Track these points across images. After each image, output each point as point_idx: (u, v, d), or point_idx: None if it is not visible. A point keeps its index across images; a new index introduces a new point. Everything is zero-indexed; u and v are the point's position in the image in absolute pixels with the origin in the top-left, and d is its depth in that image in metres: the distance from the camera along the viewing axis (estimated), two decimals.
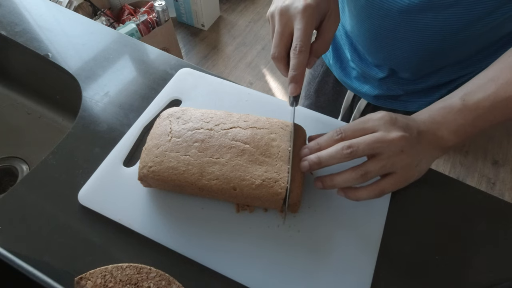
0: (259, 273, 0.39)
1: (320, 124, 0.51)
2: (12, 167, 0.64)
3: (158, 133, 0.43)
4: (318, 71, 0.73)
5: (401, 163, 0.36)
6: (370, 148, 0.35)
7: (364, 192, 0.37)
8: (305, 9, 0.37)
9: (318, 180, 0.39)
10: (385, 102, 0.61)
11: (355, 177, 0.36)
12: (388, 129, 0.35)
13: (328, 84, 0.71)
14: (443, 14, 0.41)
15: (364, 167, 0.36)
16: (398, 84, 0.57)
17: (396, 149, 0.35)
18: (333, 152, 0.36)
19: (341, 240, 0.41)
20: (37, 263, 0.40)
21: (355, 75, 0.62)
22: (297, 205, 0.41)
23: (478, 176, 1.56)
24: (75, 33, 0.65)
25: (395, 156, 0.35)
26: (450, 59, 0.50)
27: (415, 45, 0.47)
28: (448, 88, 0.55)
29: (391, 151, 0.35)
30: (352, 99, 0.68)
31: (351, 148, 0.35)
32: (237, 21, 2.21)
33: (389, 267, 0.41)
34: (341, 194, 0.39)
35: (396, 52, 0.50)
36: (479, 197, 0.47)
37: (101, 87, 0.57)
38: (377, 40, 0.51)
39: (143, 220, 0.42)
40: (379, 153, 0.35)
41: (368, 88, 0.61)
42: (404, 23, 0.45)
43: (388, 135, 0.35)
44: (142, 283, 0.37)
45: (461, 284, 0.40)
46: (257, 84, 1.90)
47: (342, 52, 0.64)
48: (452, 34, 0.43)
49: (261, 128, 0.43)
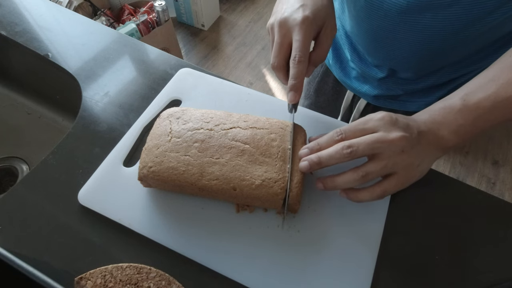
0: (259, 273, 0.39)
1: (320, 124, 0.51)
2: (12, 167, 0.64)
3: (158, 133, 0.43)
4: (317, 71, 0.73)
5: (402, 163, 0.36)
6: (370, 148, 0.35)
7: (366, 194, 0.37)
8: (303, 21, 0.39)
9: (319, 181, 0.39)
10: (385, 102, 0.61)
11: (356, 178, 0.36)
12: (389, 129, 0.36)
13: (328, 84, 0.71)
14: (442, 14, 0.41)
15: (364, 167, 0.36)
16: (398, 84, 0.57)
17: (396, 149, 0.35)
18: (333, 152, 0.36)
19: (341, 240, 0.41)
20: (37, 263, 0.40)
21: (355, 75, 0.62)
22: (296, 206, 0.41)
23: (478, 176, 1.56)
24: (75, 33, 0.65)
25: (395, 157, 0.35)
26: (449, 59, 0.50)
27: (414, 45, 0.47)
28: (447, 88, 0.55)
29: (392, 151, 0.35)
30: (351, 99, 0.68)
31: (351, 148, 0.35)
32: (237, 21, 2.21)
33: (389, 267, 0.41)
34: (343, 195, 0.39)
35: (396, 52, 0.50)
36: (479, 197, 0.47)
37: (101, 87, 0.57)
38: (376, 40, 0.51)
39: (143, 220, 0.42)
40: (380, 154, 0.35)
41: (368, 88, 0.61)
42: (403, 23, 0.45)
43: (389, 135, 0.35)
44: (142, 283, 0.37)
45: (461, 284, 0.40)
46: (257, 84, 1.90)
47: (342, 52, 0.64)
48: (452, 34, 0.43)
49: (261, 128, 0.43)
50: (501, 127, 1.71)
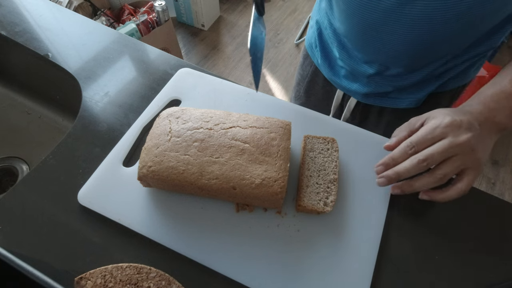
0: (259, 273, 0.39)
1: (312, 120, 0.51)
2: (12, 167, 0.64)
3: (157, 132, 0.43)
4: (307, 71, 0.73)
5: (474, 158, 0.39)
6: (444, 156, 0.38)
7: (453, 193, 0.40)
8: None
9: (396, 188, 0.43)
10: (375, 100, 0.62)
11: (434, 181, 0.39)
12: (456, 134, 0.38)
13: (318, 84, 0.71)
14: (433, 4, 0.41)
15: (441, 170, 0.39)
16: (387, 81, 0.57)
17: (467, 149, 0.38)
18: (409, 167, 0.39)
19: (341, 240, 0.41)
20: (37, 263, 0.40)
21: (344, 73, 0.62)
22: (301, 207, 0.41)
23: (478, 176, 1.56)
24: (75, 33, 0.65)
25: (467, 155, 0.39)
26: (439, 51, 0.50)
27: (405, 37, 0.47)
28: (437, 84, 0.56)
29: (463, 152, 0.38)
30: (342, 98, 0.68)
31: (427, 161, 0.38)
32: (237, 21, 2.21)
33: (389, 267, 0.41)
34: (425, 197, 0.42)
35: (387, 46, 0.50)
36: (479, 197, 0.47)
37: (101, 87, 0.57)
38: (366, 34, 0.51)
39: (142, 220, 0.42)
40: (453, 155, 0.39)
41: (357, 86, 0.61)
42: (394, 15, 0.45)
43: (458, 139, 0.38)
44: (142, 283, 0.37)
45: (461, 284, 0.40)
46: None
47: (330, 51, 0.64)
48: (442, 24, 0.44)
49: (261, 127, 0.43)
50: None
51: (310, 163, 0.45)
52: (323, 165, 0.45)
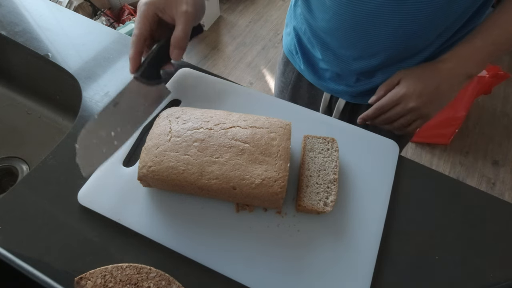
0: (259, 273, 0.39)
1: (312, 120, 0.51)
2: (12, 167, 0.64)
3: (157, 132, 0.43)
4: (289, 78, 0.73)
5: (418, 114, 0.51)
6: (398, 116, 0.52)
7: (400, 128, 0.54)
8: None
9: (360, 118, 0.55)
10: (363, 98, 0.62)
11: (392, 128, 0.55)
12: (407, 102, 0.50)
13: (302, 88, 0.71)
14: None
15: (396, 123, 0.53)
16: (375, 76, 0.58)
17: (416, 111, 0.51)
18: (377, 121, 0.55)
19: (341, 240, 0.41)
20: (37, 263, 0.40)
21: (329, 75, 0.62)
22: (301, 206, 0.41)
23: (478, 176, 1.56)
24: (75, 33, 0.65)
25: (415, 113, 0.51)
26: (428, 40, 0.52)
27: (396, 28, 0.48)
28: None
29: (412, 112, 0.51)
30: (329, 99, 0.68)
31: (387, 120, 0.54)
32: (237, 21, 2.21)
33: (389, 267, 0.41)
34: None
35: (377, 38, 0.50)
36: (479, 197, 0.47)
37: (101, 87, 0.57)
38: (356, 29, 0.51)
39: (142, 220, 0.42)
40: (405, 114, 0.51)
41: (344, 87, 0.62)
42: (385, 7, 0.45)
43: (407, 106, 0.51)
44: (142, 283, 0.37)
45: (461, 284, 0.40)
46: (257, 84, 1.91)
47: (312, 56, 0.64)
48: (433, 13, 0.45)
49: (261, 127, 0.43)
50: (501, 127, 1.71)
51: (310, 163, 0.45)
52: (323, 165, 0.45)
